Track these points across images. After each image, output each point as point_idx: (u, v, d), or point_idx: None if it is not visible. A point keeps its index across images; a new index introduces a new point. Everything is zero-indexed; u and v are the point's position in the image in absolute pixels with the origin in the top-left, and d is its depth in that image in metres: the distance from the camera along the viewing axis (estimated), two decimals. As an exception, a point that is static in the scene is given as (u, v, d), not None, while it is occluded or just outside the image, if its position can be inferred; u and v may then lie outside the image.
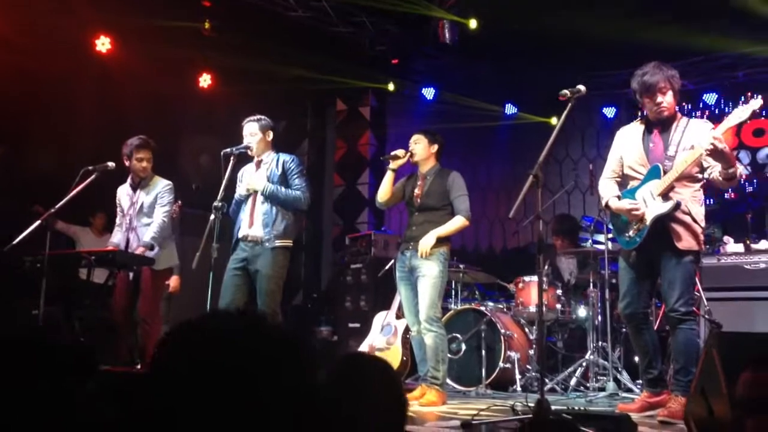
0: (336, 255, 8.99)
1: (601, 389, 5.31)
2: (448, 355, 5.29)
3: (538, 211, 3.53)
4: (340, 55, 8.30)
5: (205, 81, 8.05)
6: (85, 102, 6.98)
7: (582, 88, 3.64)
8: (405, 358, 6.03)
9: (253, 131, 4.70)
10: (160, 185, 5.13)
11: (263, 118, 4.76)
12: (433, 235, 4.65)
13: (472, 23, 7.71)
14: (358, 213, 9.33)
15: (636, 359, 5.19)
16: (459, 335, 5.89)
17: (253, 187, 4.62)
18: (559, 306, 6.04)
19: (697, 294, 4.77)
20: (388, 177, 4.92)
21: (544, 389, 3.29)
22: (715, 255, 5.23)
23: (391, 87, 9.10)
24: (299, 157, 4.95)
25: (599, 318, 5.68)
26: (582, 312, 6.07)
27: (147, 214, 5.07)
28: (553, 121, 8.36)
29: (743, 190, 7.97)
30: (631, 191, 4.02)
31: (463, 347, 5.87)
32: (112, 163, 4.90)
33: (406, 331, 5.61)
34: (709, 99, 8.52)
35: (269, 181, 4.61)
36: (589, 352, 5.63)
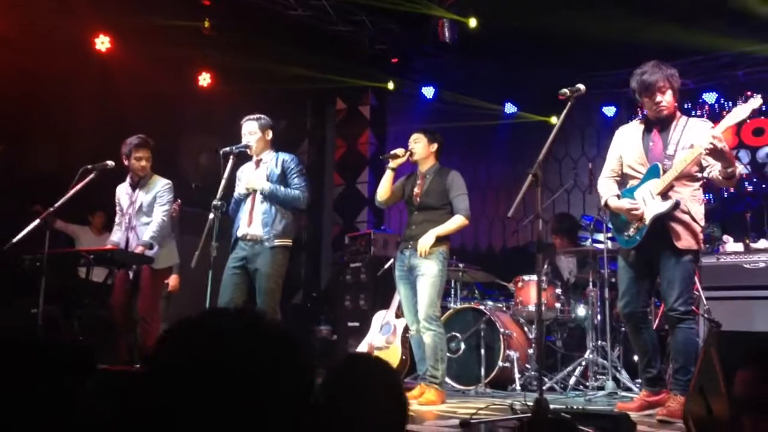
0: (335, 254, 8.99)
1: (600, 388, 5.31)
2: (448, 354, 5.28)
3: (537, 211, 3.52)
4: (339, 54, 8.30)
5: (204, 80, 8.05)
6: (85, 101, 6.98)
7: (581, 87, 3.64)
8: (404, 357, 6.03)
9: (252, 130, 4.69)
10: (159, 184, 5.12)
11: (262, 117, 4.75)
12: (432, 234, 4.65)
13: (472, 22, 7.71)
14: (357, 212, 9.33)
15: (635, 358, 5.19)
16: (458, 334, 5.89)
17: (252, 186, 4.62)
18: (558, 305, 6.04)
19: (697, 293, 4.77)
20: (388, 176, 4.92)
21: (543, 388, 3.30)
22: (715, 254, 5.23)
23: (390, 86, 9.10)
24: (298, 156, 4.94)
25: (598, 317, 5.67)
26: (581, 311, 6.07)
27: (146, 213, 5.06)
28: (553, 120, 8.36)
29: (742, 189, 7.97)
30: (631, 190, 4.02)
31: (463, 346, 5.87)
32: (111, 162, 4.89)
33: (406, 330, 5.61)
34: (709, 98, 8.52)
35: (268, 180, 4.60)
36: (588, 351, 5.63)
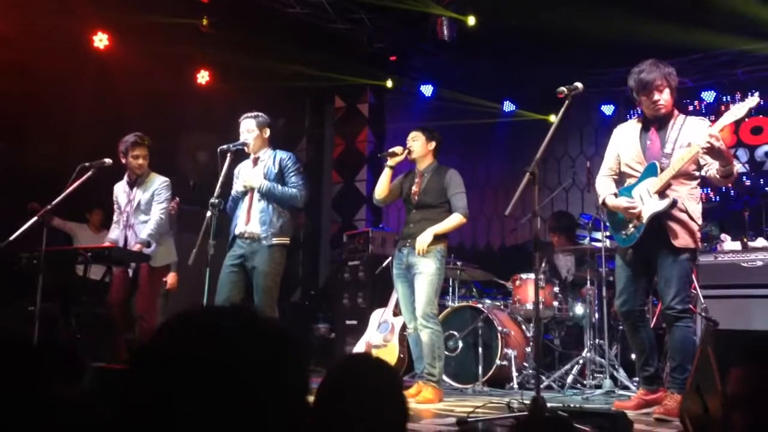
0: (334, 252, 9.00)
1: (598, 387, 5.31)
2: (445, 352, 5.28)
3: (535, 209, 3.52)
4: (338, 52, 8.30)
5: (203, 77, 8.05)
6: (83, 98, 6.97)
7: (579, 85, 3.63)
8: (402, 356, 6.03)
9: (250, 128, 4.69)
10: (157, 182, 5.11)
11: (260, 114, 4.74)
12: (430, 232, 4.65)
13: (471, 20, 7.71)
14: (356, 210, 9.32)
15: (632, 357, 5.20)
16: (456, 332, 5.89)
17: (249, 184, 4.61)
18: (556, 303, 6.04)
19: (694, 292, 4.77)
20: (386, 174, 4.92)
21: (541, 386, 3.30)
22: (712, 252, 5.22)
23: (389, 84, 9.10)
24: (296, 155, 4.94)
25: (596, 315, 5.68)
26: (579, 309, 6.07)
27: (144, 211, 5.05)
28: (552, 118, 8.35)
29: (741, 187, 7.96)
30: (628, 189, 4.01)
31: (460, 344, 5.87)
32: (108, 160, 4.88)
33: (403, 329, 5.60)
34: (708, 96, 8.52)
35: (266, 178, 4.60)
36: (585, 350, 5.63)
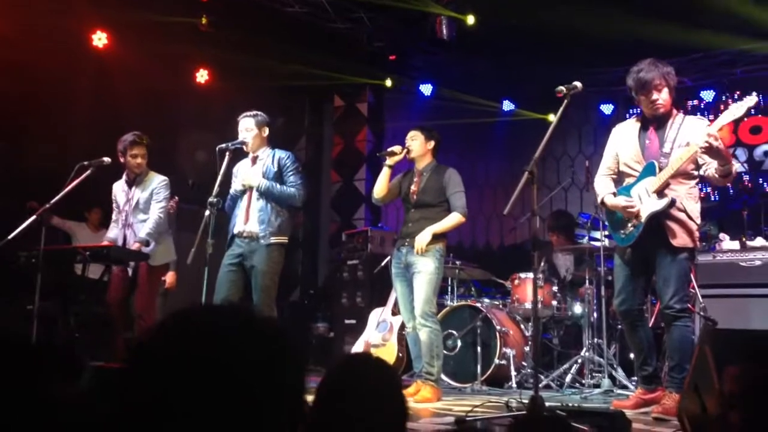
0: (333, 251, 8.99)
1: (596, 386, 5.31)
2: (444, 351, 5.29)
3: (533, 208, 3.52)
4: (337, 52, 8.29)
5: (202, 76, 8.04)
6: (82, 97, 6.97)
7: (578, 84, 3.63)
8: (401, 355, 6.03)
9: (249, 127, 4.68)
10: (155, 181, 5.10)
11: (259, 113, 4.74)
12: (429, 231, 4.64)
13: (470, 19, 7.71)
14: (355, 209, 9.32)
15: (631, 356, 5.20)
16: (455, 332, 5.89)
17: (248, 183, 4.61)
18: (554, 303, 6.04)
19: (693, 291, 4.77)
20: (384, 173, 4.92)
21: (539, 386, 3.30)
22: (711, 252, 5.23)
23: (388, 83, 9.10)
24: (295, 154, 4.94)
25: (595, 315, 5.68)
26: (578, 309, 6.07)
27: (143, 210, 5.05)
28: (551, 117, 8.34)
29: (739, 185, 7.96)
30: (627, 188, 4.01)
31: (459, 343, 5.88)
32: (107, 159, 4.87)
33: (402, 328, 5.60)
34: (707, 96, 8.52)
35: (264, 177, 4.60)
36: (584, 349, 5.63)
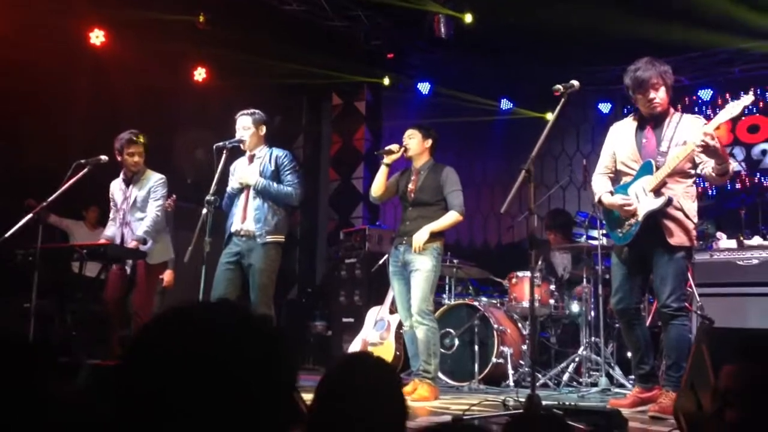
0: (330, 249, 8.99)
1: (594, 384, 5.31)
2: (441, 350, 5.29)
3: (530, 207, 3.52)
4: (335, 50, 8.28)
5: (199, 75, 8.03)
6: (79, 95, 6.96)
7: (575, 83, 3.63)
8: (398, 353, 6.03)
9: (246, 125, 4.68)
10: (153, 179, 5.10)
11: (257, 112, 4.74)
12: (426, 230, 4.65)
13: (468, 17, 7.70)
14: (352, 208, 9.31)
15: (628, 355, 5.20)
16: (452, 330, 5.89)
17: (245, 182, 4.60)
18: (552, 301, 6.04)
19: (690, 290, 4.78)
20: (382, 172, 4.92)
21: (537, 384, 3.30)
22: (708, 251, 5.23)
23: (386, 81, 9.09)
24: (292, 152, 4.93)
25: (592, 313, 5.68)
26: (575, 307, 6.07)
27: (140, 208, 5.05)
28: (549, 116, 8.30)
29: (743, 184, 7.96)
30: (624, 187, 4.02)
31: (456, 342, 5.88)
32: (104, 157, 4.87)
33: (399, 326, 5.60)
34: (705, 95, 8.53)
35: (262, 175, 4.59)
36: (581, 348, 5.63)
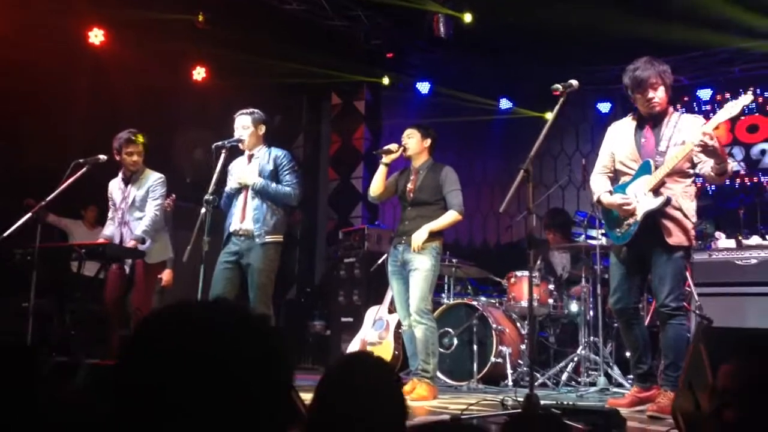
0: (329, 249, 8.99)
1: (592, 384, 5.31)
2: (440, 349, 5.29)
3: (529, 206, 3.52)
4: (335, 49, 8.28)
5: (199, 74, 8.03)
6: (78, 95, 6.96)
7: (574, 82, 3.63)
8: (397, 353, 6.04)
9: (245, 124, 4.67)
10: (151, 179, 5.09)
11: (256, 111, 4.73)
12: (425, 229, 4.65)
13: (467, 17, 7.70)
14: (352, 207, 9.32)
15: (627, 354, 5.20)
16: (451, 330, 5.89)
17: (243, 181, 4.60)
18: (551, 301, 6.04)
19: (688, 289, 4.78)
20: (381, 171, 4.92)
21: (535, 384, 3.30)
22: (707, 250, 5.24)
23: (386, 81, 9.09)
24: (291, 152, 4.93)
25: (591, 313, 5.68)
26: (574, 307, 6.07)
27: (139, 208, 5.04)
28: (548, 115, 8.31)
29: (743, 184, 7.96)
30: (623, 186, 4.02)
31: (455, 342, 5.87)
32: (103, 156, 4.86)
33: (398, 326, 5.61)
34: (704, 95, 8.53)
35: (260, 175, 4.58)
36: (580, 347, 5.63)
